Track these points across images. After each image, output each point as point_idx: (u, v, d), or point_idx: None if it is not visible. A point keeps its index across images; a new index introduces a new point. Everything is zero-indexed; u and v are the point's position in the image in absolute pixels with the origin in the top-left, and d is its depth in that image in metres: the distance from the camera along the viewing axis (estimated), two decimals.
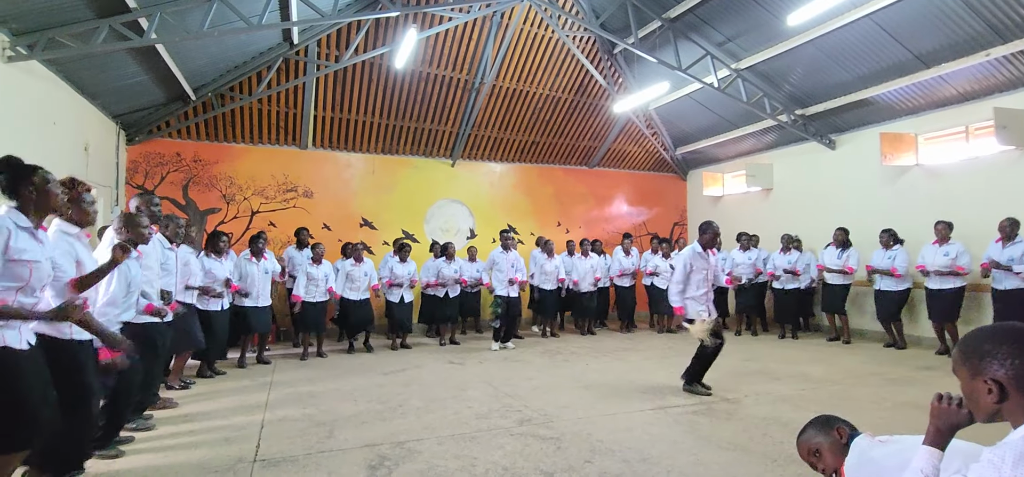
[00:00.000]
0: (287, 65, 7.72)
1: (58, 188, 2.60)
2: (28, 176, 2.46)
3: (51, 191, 2.53)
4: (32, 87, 5.07)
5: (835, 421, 2.08)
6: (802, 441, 2.14)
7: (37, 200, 2.48)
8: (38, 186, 2.47)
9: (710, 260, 5.10)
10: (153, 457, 3.49)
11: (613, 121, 10.21)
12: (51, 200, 2.54)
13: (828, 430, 2.06)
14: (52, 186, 2.54)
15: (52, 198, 2.54)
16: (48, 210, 2.56)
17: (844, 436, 2.01)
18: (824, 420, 2.12)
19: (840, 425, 2.06)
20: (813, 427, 2.12)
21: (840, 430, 2.03)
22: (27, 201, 2.46)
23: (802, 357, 6.77)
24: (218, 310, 5.82)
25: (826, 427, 2.08)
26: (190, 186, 8.27)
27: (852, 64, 7.20)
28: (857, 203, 8.23)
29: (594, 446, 3.61)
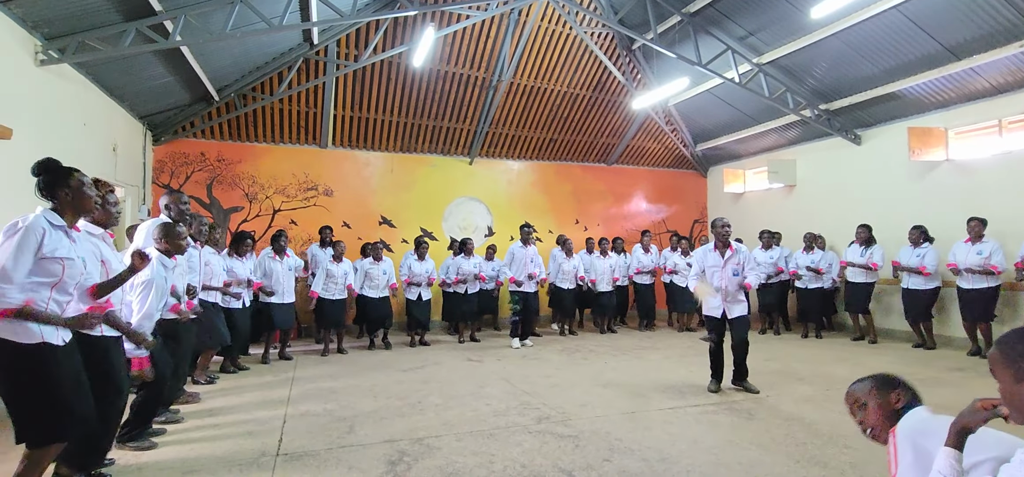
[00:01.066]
0: (307, 65, 7.81)
1: (93, 191, 2.68)
2: (66, 179, 2.55)
3: (86, 193, 2.62)
4: (64, 90, 5.22)
5: (897, 384, 1.90)
6: (854, 390, 1.99)
7: (73, 202, 2.57)
8: (74, 188, 2.56)
9: (727, 258, 4.99)
10: (180, 449, 3.57)
11: (632, 117, 10.13)
12: (86, 202, 2.62)
13: (886, 390, 1.90)
14: (87, 188, 2.62)
15: (87, 200, 2.63)
16: (82, 212, 2.64)
17: (900, 403, 1.85)
18: (886, 379, 1.95)
19: (901, 390, 1.88)
20: (872, 381, 1.96)
21: (899, 394, 1.87)
22: (63, 203, 2.55)
23: (826, 357, 6.64)
24: (240, 308, 5.94)
25: (885, 386, 1.91)
26: (214, 185, 8.43)
27: (879, 57, 7.02)
28: (884, 200, 8.04)
29: (612, 445, 3.59)
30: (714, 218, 5.17)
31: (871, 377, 1.99)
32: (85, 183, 2.62)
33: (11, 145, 4.24)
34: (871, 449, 3.43)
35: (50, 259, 2.42)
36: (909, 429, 1.72)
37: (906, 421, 1.77)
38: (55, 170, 2.55)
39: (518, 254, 7.73)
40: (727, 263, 4.99)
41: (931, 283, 6.87)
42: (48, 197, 2.55)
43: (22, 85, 4.56)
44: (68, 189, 2.55)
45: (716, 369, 5.02)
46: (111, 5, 4.88)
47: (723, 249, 5.04)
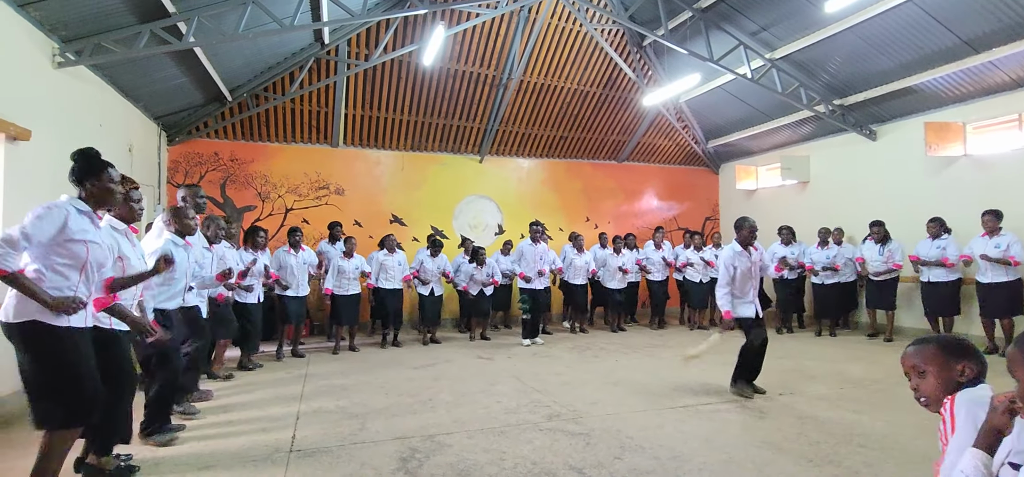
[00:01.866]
0: (318, 65, 7.87)
1: (119, 188, 2.79)
2: (99, 171, 2.68)
3: (112, 188, 2.73)
4: (81, 91, 5.30)
5: (968, 355, 1.66)
6: (914, 352, 1.74)
7: (98, 193, 2.69)
8: (103, 181, 2.69)
9: (752, 257, 4.89)
10: (195, 445, 3.61)
11: (643, 115, 10.08)
12: (110, 197, 2.74)
13: (952, 358, 1.66)
14: (114, 185, 2.74)
15: (111, 195, 2.74)
16: (106, 205, 2.76)
17: (965, 376, 1.63)
18: (954, 344, 1.70)
19: (969, 362, 1.64)
20: (937, 345, 1.71)
21: (966, 367, 1.63)
22: (89, 193, 2.67)
23: (840, 355, 6.56)
24: (254, 302, 6.00)
25: (952, 353, 1.67)
26: (227, 184, 8.52)
27: (894, 51, 6.91)
28: (899, 196, 7.92)
29: (624, 442, 3.58)
30: (739, 218, 4.96)
31: (937, 340, 1.72)
32: (114, 179, 2.74)
33: (30, 146, 4.32)
34: (886, 449, 3.40)
35: (76, 241, 2.54)
36: (970, 399, 1.54)
37: (970, 392, 1.58)
38: (91, 159, 2.68)
39: (527, 252, 7.72)
40: (754, 263, 4.90)
41: (952, 275, 6.75)
42: (77, 183, 2.66)
43: (40, 87, 4.64)
44: (97, 180, 2.67)
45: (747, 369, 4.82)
46: (126, 7, 4.95)
47: (748, 249, 4.91)
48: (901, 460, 3.22)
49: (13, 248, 2.38)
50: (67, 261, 2.54)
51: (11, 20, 4.26)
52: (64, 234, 2.51)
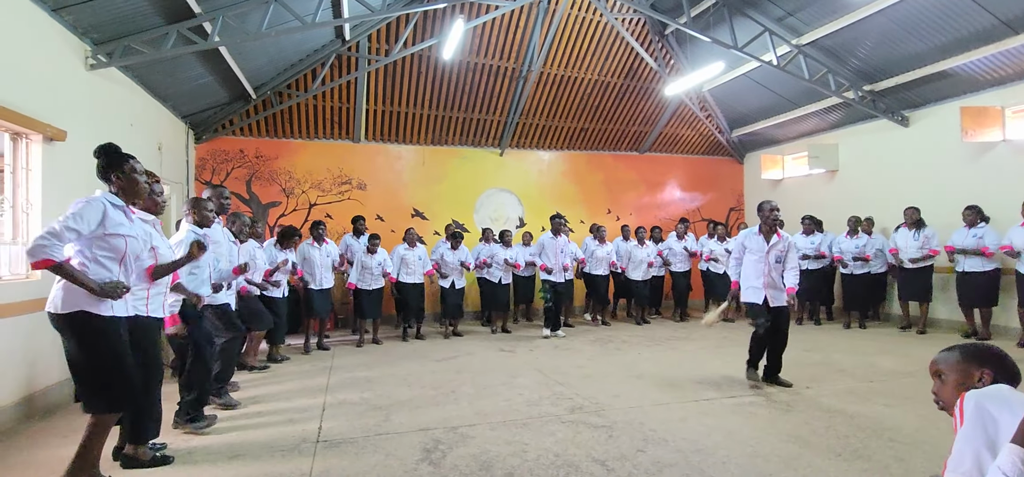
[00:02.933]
0: (340, 61, 7.95)
1: (144, 178, 2.90)
2: (121, 164, 2.79)
3: (138, 180, 2.85)
4: (112, 92, 5.46)
5: (991, 363, 1.62)
6: (939, 358, 1.73)
7: (125, 186, 2.80)
8: (127, 174, 2.79)
9: (772, 244, 4.75)
10: (226, 435, 3.71)
11: (665, 104, 9.94)
12: (137, 187, 2.85)
13: (971, 364, 1.63)
14: (139, 175, 2.85)
15: (138, 185, 2.85)
16: (134, 196, 2.86)
17: (983, 382, 1.61)
18: (977, 351, 1.67)
19: (989, 369, 1.61)
20: (962, 352, 1.68)
21: (984, 374, 1.60)
22: (117, 186, 2.78)
23: (870, 347, 6.41)
24: (279, 297, 6.14)
25: (972, 360, 1.64)
26: (253, 181, 8.69)
27: (928, 34, 6.67)
28: (933, 183, 7.67)
29: (647, 435, 3.56)
30: (762, 201, 4.90)
31: (961, 346, 1.71)
32: (137, 170, 2.84)
33: (65, 146, 4.47)
34: (917, 443, 3.31)
35: (114, 235, 2.67)
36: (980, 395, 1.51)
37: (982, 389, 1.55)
38: (113, 154, 2.79)
39: (548, 244, 7.71)
40: (772, 250, 4.76)
41: (989, 265, 6.52)
42: (104, 179, 2.78)
43: (75, 89, 4.79)
44: (122, 174, 2.78)
45: (757, 356, 4.80)
46: (153, 8, 5.07)
47: (769, 234, 4.81)
48: (932, 455, 3.13)
49: (58, 239, 2.49)
50: (108, 253, 2.67)
51: (46, 24, 4.40)
52: (104, 227, 2.64)
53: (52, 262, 2.46)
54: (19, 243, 4.18)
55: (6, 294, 3.87)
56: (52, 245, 2.46)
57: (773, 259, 4.76)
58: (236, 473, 3.08)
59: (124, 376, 2.67)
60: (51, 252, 2.45)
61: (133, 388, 2.70)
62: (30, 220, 4.25)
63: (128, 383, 2.68)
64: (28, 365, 4.08)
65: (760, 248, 4.78)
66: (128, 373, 2.69)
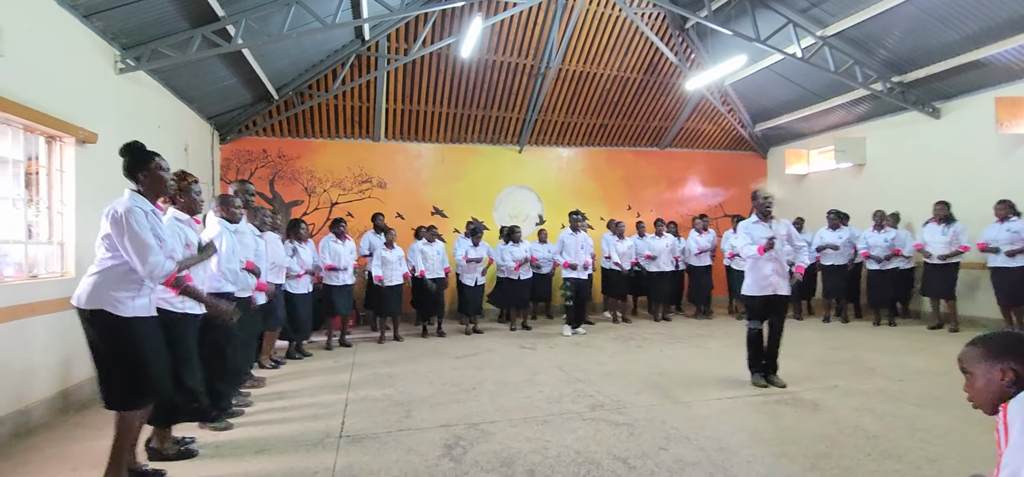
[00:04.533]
0: (359, 61, 8.02)
1: (168, 175, 2.97)
2: (146, 162, 2.84)
3: (163, 177, 2.90)
4: (140, 95, 5.59)
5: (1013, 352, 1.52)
6: (965, 351, 1.65)
7: (151, 183, 2.85)
8: (152, 171, 2.85)
9: (774, 229, 4.63)
10: (251, 430, 3.78)
11: (685, 99, 9.81)
12: (161, 184, 2.90)
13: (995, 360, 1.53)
14: (163, 172, 2.90)
15: (162, 182, 2.91)
16: (159, 193, 2.92)
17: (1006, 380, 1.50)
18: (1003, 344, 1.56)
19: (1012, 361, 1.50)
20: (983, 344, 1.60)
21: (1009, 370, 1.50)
22: (143, 184, 2.83)
23: (900, 346, 6.24)
24: (303, 293, 6.23)
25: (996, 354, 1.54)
26: (276, 180, 8.83)
27: (960, 22, 6.45)
28: (965, 177, 7.42)
29: (669, 434, 3.52)
30: (754, 190, 4.78)
31: (982, 339, 1.62)
32: (162, 167, 2.89)
33: (96, 149, 4.59)
34: (951, 444, 3.22)
35: None
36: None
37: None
38: (138, 152, 2.85)
39: (568, 241, 7.68)
40: (776, 235, 4.64)
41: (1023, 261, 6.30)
42: (129, 177, 2.84)
43: (105, 93, 4.92)
44: (147, 172, 2.83)
45: (758, 358, 4.66)
46: (179, 13, 5.18)
47: (768, 221, 4.69)
48: (967, 456, 3.04)
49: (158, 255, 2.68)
50: None
51: (77, 31, 4.53)
52: None
53: (174, 275, 2.74)
54: (54, 243, 4.31)
55: (43, 292, 3.99)
56: (163, 263, 2.67)
57: (779, 244, 4.63)
58: (261, 467, 3.14)
59: (145, 373, 2.71)
60: (168, 268, 2.69)
61: (154, 383, 2.75)
62: (64, 221, 4.38)
63: (149, 379, 2.72)
64: (64, 361, 4.21)
65: (766, 234, 4.64)
66: (150, 370, 2.72)
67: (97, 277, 2.66)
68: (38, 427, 3.82)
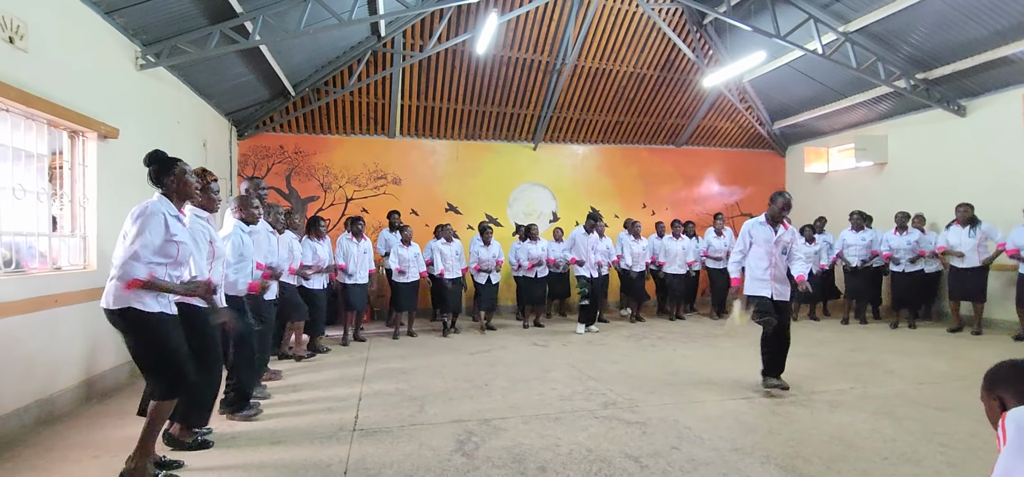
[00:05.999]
0: (375, 57, 8.06)
1: (194, 178, 3.03)
2: (171, 168, 2.91)
3: (189, 181, 2.97)
4: (160, 91, 5.69)
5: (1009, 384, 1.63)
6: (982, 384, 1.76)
7: (177, 188, 2.92)
8: (178, 176, 2.92)
9: (779, 235, 4.53)
10: (267, 422, 3.84)
11: (703, 96, 9.70)
12: (188, 188, 2.97)
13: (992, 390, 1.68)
14: (189, 176, 2.98)
15: (189, 187, 2.98)
16: (185, 197, 2.99)
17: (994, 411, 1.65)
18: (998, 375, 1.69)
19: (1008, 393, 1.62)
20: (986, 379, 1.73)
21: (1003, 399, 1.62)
22: (170, 189, 2.90)
23: (920, 348, 6.12)
24: (319, 289, 6.29)
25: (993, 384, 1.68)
26: (292, 176, 8.92)
27: (988, 18, 6.28)
28: (991, 177, 7.23)
29: (681, 433, 3.50)
30: (777, 191, 4.64)
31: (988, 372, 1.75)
32: (187, 171, 2.97)
33: (118, 143, 4.68)
34: (972, 449, 3.14)
35: (170, 242, 2.79)
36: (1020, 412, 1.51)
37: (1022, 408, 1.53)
38: (162, 160, 2.92)
39: (580, 239, 7.65)
40: (779, 241, 4.55)
41: None
42: (156, 184, 2.90)
43: (126, 88, 5.01)
44: (173, 177, 2.90)
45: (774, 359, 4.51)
46: (197, 9, 5.25)
47: (776, 225, 4.57)
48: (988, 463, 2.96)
49: (138, 261, 2.65)
50: (161, 259, 2.77)
51: (100, 27, 4.61)
52: (167, 236, 2.77)
53: (140, 282, 2.65)
54: (77, 235, 4.41)
55: (67, 284, 4.09)
56: (135, 268, 2.64)
57: (780, 250, 4.54)
58: (276, 457, 3.18)
59: (174, 366, 2.79)
60: (136, 273, 2.63)
61: (183, 376, 2.83)
62: (87, 214, 4.47)
63: (178, 372, 2.81)
64: (88, 350, 4.31)
65: (768, 238, 4.54)
66: (181, 363, 2.82)
67: None
68: (62, 415, 3.92)
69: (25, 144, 3.90)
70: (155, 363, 2.80)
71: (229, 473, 2.99)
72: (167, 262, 2.80)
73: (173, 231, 2.80)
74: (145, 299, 2.72)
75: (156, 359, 2.79)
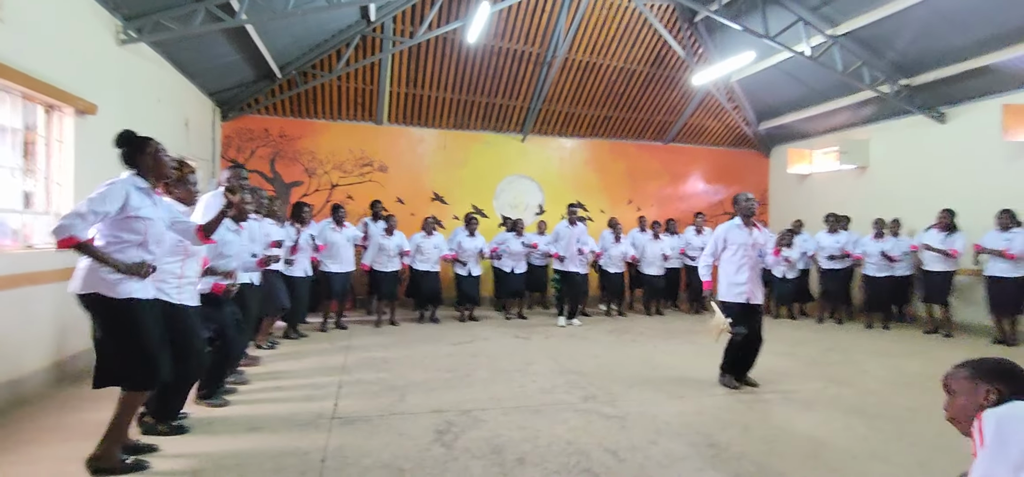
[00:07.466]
0: (364, 42, 7.95)
1: (168, 157, 2.93)
2: (143, 147, 2.82)
3: (162, 159, 2.87)
4: (141, 68, 5.55)
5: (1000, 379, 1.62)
6: (952, 371, 1.76)
7: (152, 168, 2.83)
8: (151, 155, 2.82)
9: (754, 236, 4.57)
10: (245, 408, 3.80)
11: (691, 94, 9.75)
12: (163, 167, 2.88)
13: (981, 382, 1.63)
14: (162, 155, 2.87)
15: (163, 165, 2.89)
16: (161, 176, 2.90)
17: (989, 401, 1.59)
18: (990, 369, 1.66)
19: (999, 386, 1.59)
20: (971, 367, 1.71)
21: (993, 392, 1.59)
22: (144, 169, 2.81)
23: (894, 349, 6.26)
24: (301, 276, 6.22)
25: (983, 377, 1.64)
26: (276, 160, 8.80)
27: (971, 27, 6.39)
28: (970, 184, 7.38)
29: (660, 427, 3.53)
30: (741, 192, 4.69)
31: (972, 363, 1.72)
32: (160, 150, 2.86)
33: (96, 120, 4.57)
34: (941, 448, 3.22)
35: (135, 218, 2.68)
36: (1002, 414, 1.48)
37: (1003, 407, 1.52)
38: (133, 141, 2.81)
39: (563, 233, 7.67)
40: (756, 243, 4.58)
41: (1019, 269, 6.29)
42: (130, 165, 2.80)
43: (106, 64, 4.88)
44: (146, 155, 2.81)
45: (733, 363, 4.59)
46: None
47: (750, 227, 4.60)
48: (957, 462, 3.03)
49: (82, 220, 2.52)
50: (129, 236, 2.68)
51: None
52: (126, 211, 2.65)
53: (75, 241, 2.50)
54: (51, 213, 4.30)
55: (40, 263, 3.99)
56: (75, 225, 2.49)
57: (756, 253, 4.57)
58: (253, 444, 3.15)
59: (145, 358, 2.69)
60: (74, 231, 2.49)
61: (152, 369, 2.71)
62: (62, 191, 4.36)
63: (150, 365, 2.70)
64: (59, 332, 4.22)
65: (745, 240, 4.55)
66: (150, 354, 2.70)
67: (91, 261, 2.63)
68: (33, 397, 3.84)
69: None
70: (124, 354, 2.67)
71: (205, 460, 2.95)
72: (136, 241, 2.69)
73: (135, 205, 2.67)
74: (115, 283, 2.61)
75: (125, 350, 2.67)
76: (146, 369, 2.70)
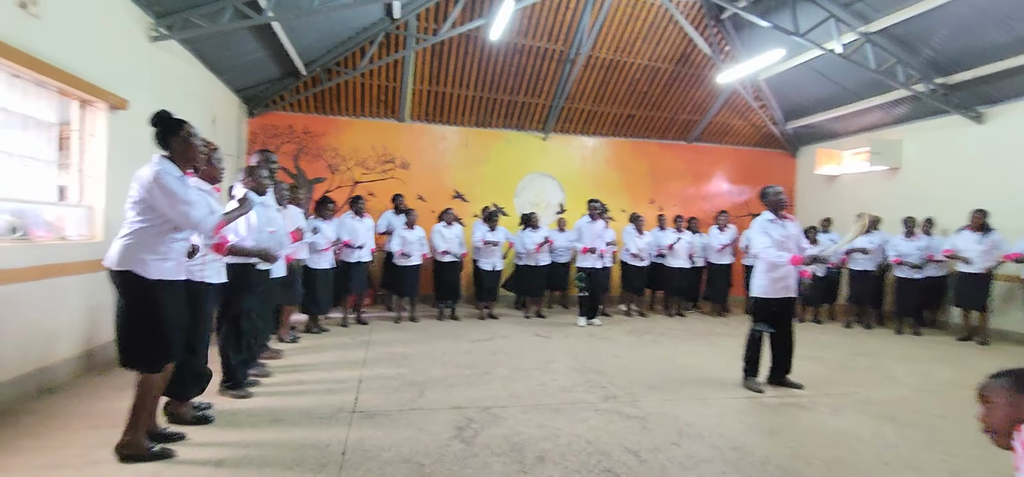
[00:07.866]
0: (388, 39, 8.00)
1: (200, 141, 2.99)
2: (177, 130, 2.86)
3: (194, 143, 2.92)
4: (171, 65, 5.67)
5: None
6: (990, 381, 1.67)
7: (182, 151, 2.87)
8: (184, 138, 2.87)
9: (788, 229, 4.46)
10: (267, 400, 3.85)
11: (717, 93, 9.58)
12: (193, 151, 2.92)
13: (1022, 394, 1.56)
14: (195, 139, 2.93)
15: (194, 150, 2.93)
16: (191, 161, 2.94)
17: None
18: None
19: None
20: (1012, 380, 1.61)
21: None
22: (175, 152, 2.85)
23: (924, 355, 6.06)
24: (324, 269, 6.30)
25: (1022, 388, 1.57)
26: (300, 156, 8.91)
27: (1013, 23, 6.14)
28: (1009, 185, 7.10)
29: (682, 429, 3.48)
30: (764, 187, 4.57)
31: (1013, 372, 1.63)
32: (193, 134, 2.91)
33: (127, 115, 4.68)
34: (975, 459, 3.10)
35: None
36: None
37: None
38: (168, 121, 2.87)
39: (585, 230, 7.60)
40: (791, 235, 4.46)
41: None
42: (162, 146, 2.85)
43: (137, 60, 4.99)
44: (179, 138, 2.85)
45: (757, 362, 4.51)
46: None
47: (782, 219, 4.49)
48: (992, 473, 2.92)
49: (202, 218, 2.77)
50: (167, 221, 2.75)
51: None
52: None
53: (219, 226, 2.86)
54: (84, 206, 4.42)
55: (73, 254, 4.10)
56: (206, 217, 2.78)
57: (794, 245, 4.45)
58: (275, 436, 3.19)
59: (163, 337, 2.75)
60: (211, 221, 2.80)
61: (171, 350, 2.80)
62: (94, 184, 4.48)
63: (167, 346, 2.77)
64: (90, 321, 4.33)
65: (784, 234, 4.44)
66: (169, 337, 2.77)
67: (128, 239, 2.70)
68: (62, 385, 3.94)
69: (36, 112, 3.90)
70: (142, 332, 2.72)
71: (229, 449, 3.00)
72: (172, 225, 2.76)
73: None
74: (150, 263, 2.68)
75: (143, 330, 2.72)
76: (157, 352, 2.76)
